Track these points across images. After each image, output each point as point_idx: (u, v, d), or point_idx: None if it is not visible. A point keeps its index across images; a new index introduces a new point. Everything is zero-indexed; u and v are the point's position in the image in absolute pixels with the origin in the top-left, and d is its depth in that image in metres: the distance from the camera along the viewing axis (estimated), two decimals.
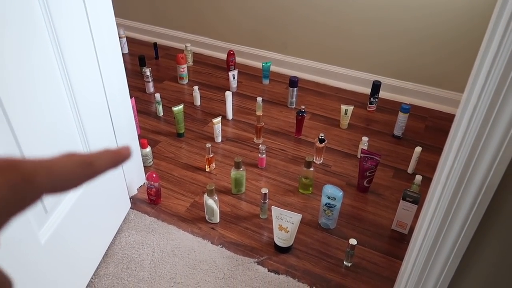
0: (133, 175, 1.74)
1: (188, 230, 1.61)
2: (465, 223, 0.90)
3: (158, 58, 2.85)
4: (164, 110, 2.30)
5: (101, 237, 1.47)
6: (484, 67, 0.75)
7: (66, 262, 1.23)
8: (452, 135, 0.87)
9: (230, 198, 1.76)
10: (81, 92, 1.23)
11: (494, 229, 0.87)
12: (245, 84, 2.57)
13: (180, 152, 2.03)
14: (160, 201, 1.73)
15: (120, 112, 1.52)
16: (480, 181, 0.82)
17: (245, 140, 2.10)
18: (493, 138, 0.77)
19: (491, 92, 0.73)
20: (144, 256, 1.49)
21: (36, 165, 0.22)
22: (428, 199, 1.00)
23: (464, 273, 0.99)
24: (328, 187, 1.55)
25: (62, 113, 1.17)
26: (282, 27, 2.60)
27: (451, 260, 0.98)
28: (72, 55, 1.18)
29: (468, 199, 0.87)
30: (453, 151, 0.86)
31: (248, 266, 1.46)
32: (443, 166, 0.91)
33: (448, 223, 0.95)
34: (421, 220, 1.03)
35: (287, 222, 1.46)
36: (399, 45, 2.33)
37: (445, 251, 0.98)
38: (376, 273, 1.46)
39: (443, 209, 0.93)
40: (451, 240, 0.96)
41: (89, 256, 1.39)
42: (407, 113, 2.05)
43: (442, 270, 1.02)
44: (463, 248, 0.94)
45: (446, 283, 1.03)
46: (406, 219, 1.57)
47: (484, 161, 0.80)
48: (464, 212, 0.89)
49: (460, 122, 0.83)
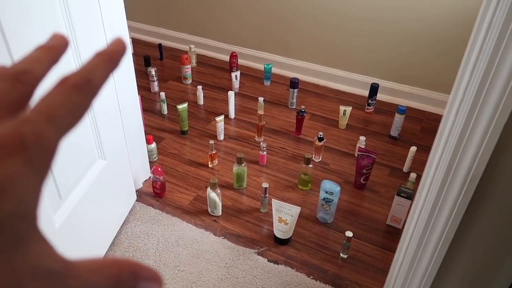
0: (138, 170, 1.81)
1: (192, 222, 1.68)
2: (452, 212, 0.98)
3: (162, 59, 2.92)
4: (169, 109, 2.37)
5: (109, 226, 1.53)
6: (468, 68, 0.83)
7: (76, 248, 1.30)
8: (440, 130, 0.94)
9: (232, 193, 1.83)
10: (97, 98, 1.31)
11: (479, 216, 0.95)
12: (247, 85, 2.65)
13: (183, 148, 2.10)
14: (165, 194, 1.80)
15: (129, 116, 1.60)
16: (465, 172, 0.90)
17: (247, 138, 2.17)
18: (476, 131, 0.85)
19: (473, 90, 0.81)
20: (149, 245, 1.56)
21: (36, 119, 0.18)
22: (419, 191, 1.07)
23: (452, 261, 1.06)
24: (326, 183, 1.62)
25: None
26: (284, 29, 2.68)
27: (439, 248, 1.05)
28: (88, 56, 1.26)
29: (454, 189, 0.95)
30: (440, 144, 0.94)
31: (249, 256, 1.53)
32: (432, 159, 0.99)
33: (436, 212, 1.02)
34: (412, 211, 1.11)
35: (287, 214, 1.53)
36: (397, 50, 2.41)
37: (433, 239, 1.05)
38: (371, 265, 1.53)
39: (431, 200, 1.01)
40: (439, 229, 1.03)
41: (97, 244, 1.45)
42: (404, 114, 2.12)
43: (431, 257, 1.09)
44: (450, 237, 1.01)
45: (435, 269, 1.10)
46: (400, 214, 1.64)
47: (469, 153, 0.88)
48: (451, 201, 0.97)
49: (448, 118, 0.91)
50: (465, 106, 0.85)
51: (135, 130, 1.69)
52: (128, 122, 1.60)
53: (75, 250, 1.29)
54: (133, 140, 1.67)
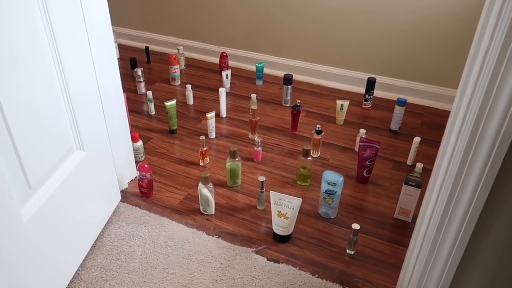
0: (124, 169, 1.66)
1: (182, 221, 1.53)
2: (470, 204, 0.87)
3: (150, 62, 2.81)
4: (156, 109, 2.24)
5: (89, 226, 1.38)
6: (477, 62, 0.76)
7: (50, 248, 1.14)
8: (452, 117, 0.83)
9: (226, 191, 1.69)
10: (74, 82, 1.18)
11: (500, 208, 0.83)
12: (239, 85, 2.54)
13: (172, 148, 1.96)
14: (152, 194, 1.65)
15: (111, 104, 1.47)
16: (483, 159, 0.79)
17: (240, 136, 2.05)
18: (493, 116, 0.75)
19: (484, 84, 0.74)
20: (135, 247, 1.40)
21: None
22: (432, 179, 0.95)
23: (474, 252, 0.93)
24: (328, 173, 1.49)
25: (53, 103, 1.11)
26: (275, 28, 2.60)
27: (459, 240, 0.93)
28: (67, 48, 1.15)
29: (472, 180, 0.83)
30: (454, 132, 0.83)
31: (246, 256, 1.38)
32: (445, 145, 0.87)
33: (453, 206, 0.90)
34: (425, 202, 0.98)
35: (287, 207, 1.39)
36: (393, 43, 2.34)
37: (452, 230, 0.93)
38: (381, 260, 1.39)
39: (448, 187, 0.89)
40: (458, 219, 0.91)
41: (76, 245, 1.29)
42: (404, 106, 2.02)
43: (450, 250, 0.97)
44: (471, 226, 0.89)
45: (456, 262, 0.97)
46: (409, 205, 1.51)
47: (487, 139, 0.77)
48: (469, 193, 0.86)
49: (460, 105, 0.81)
50: (479, 95, 0.76)
51: (118, 120, 1.55)
52: (110, 110, 1.46)
53: (49, 250, 1.13)
54: (116, 132, 1.53)
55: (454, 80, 2.26)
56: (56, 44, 1.10)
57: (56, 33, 1.09)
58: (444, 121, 0.85)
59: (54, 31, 1.08)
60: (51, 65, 1.10)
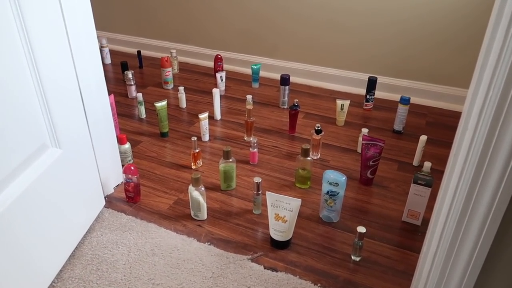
0: (109, 172, 1.54)
1: (171, 228, 1.40)
2: (495, 196, 0.75)
3: (142, 67, 2.72)
4: (147, 113, 2.13)
5: (67, 234, 1.25)
6: (490, 60, 0.66)
7: (20, 256, 1.01)
8: (465, 117, 0.72)
9: (219, 195, 1.56)
10: (45, 61, 1.07)
11: None
12: (234, 88, 2.44)
13: (163, 151, 1.84)
14: (139, 199, 1.53)
15: (93, 97, 1.35)
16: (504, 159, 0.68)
17: (235, 139, 1.93)
18: None
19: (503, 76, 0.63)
20: (118, 256, 1.27)
21: None
22: (448, 172, 0.83)
23: (496, 259, 0.81)
24: (330, 173, 1.37)
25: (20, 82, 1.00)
26: (271, 30, 2.51)
27: (481, 242, 0.80)
28: (35, 20, 1.03)
29: (496, 168, 0.71)
30: (468, 130, 0.72)
31: (241, 264, 1.25)
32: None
33: (474, 200, 0.78)
34: (439, 202, 0.86)
35: (285, 210, 1.27)
36: (393, 43, 2.25)
37: (472, 232, 0.81)
38: (390, 267, 1.26)
39: (467, 183, 0.77)
40: (478, 220, 0.79)
41: (51, 254, 1.16)
42: (407, 104, 1.91)
43: (471, 253, 0.84)
44: (494, 228, 0.77)
45: (476, 271, 0.84)
46: (418, 207, 1.39)
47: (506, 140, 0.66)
48: (493, 184, 0.74)
49: (473, 104, 0.70)
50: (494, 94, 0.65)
51: (102, 118, 1.43)
52: (92, 105, 1.34)
53: (18, 258, 1.00)
54: (99, 130, 1.41)
55: (459, 79, 2.15)
56: (21, 13, 0.98)
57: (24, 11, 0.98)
58: (449, 121, 0.74)
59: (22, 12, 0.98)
60: (15, 36, 0.97)
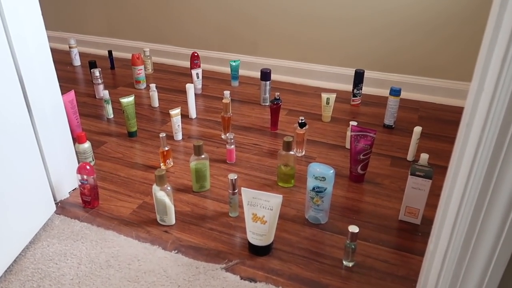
0: (62, 174, 1.33)
1: (132, 235, 1.19)
2: None
3: (114, 68, 2.53)
4: (115, 113, 1.94)
5: (2, 246, 1.04)
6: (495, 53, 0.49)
7: None
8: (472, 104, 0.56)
9: (191, 197, 1.37)
10: None
11: None
12: (212, 87, 2.27)
13: (131, 152, 1.65)
14: (98, 203, 1.32)
15: (38, 83, 1.16)
16: None
17: (211, 137, 1.75)
18: None
19: None
20: (65, 270, 1.06)
21: None
22: (453, 166, 0.66)
23: None
24: (315, 165, 1.19)
25: None
26: (250, 26, 2.36)
27: (504, 235, 0.63)
28: None
29: None
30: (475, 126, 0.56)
31: (213, 274, 1.05)
32: None
33: (487, 204, 0.61)
34: (446, 197, 0.69)
35: (264, 208, 1.08)
36: (380, 35, 2.11)
37: (494, 221, 0.64)
38: (388, 273, 1.07)
39: (481, 172, 0.60)
40: (501, 206, 0.62)
41: None
42: (398, 96, 1.76)
43: (490, 257, 0.66)
44: None
45: (499, 272, 0.67)
46: (417, 203, 1.22)
47: None
48: None
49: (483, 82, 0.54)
50: None
51: (50, 109, 1.23)
52: (36, 90, 1.15)
53: None
54: (47, 124, 1.21)
55: (451, 70, 2.02)
56: None
57: None
58: (442, 115, 0.58)
59: None
60: None
